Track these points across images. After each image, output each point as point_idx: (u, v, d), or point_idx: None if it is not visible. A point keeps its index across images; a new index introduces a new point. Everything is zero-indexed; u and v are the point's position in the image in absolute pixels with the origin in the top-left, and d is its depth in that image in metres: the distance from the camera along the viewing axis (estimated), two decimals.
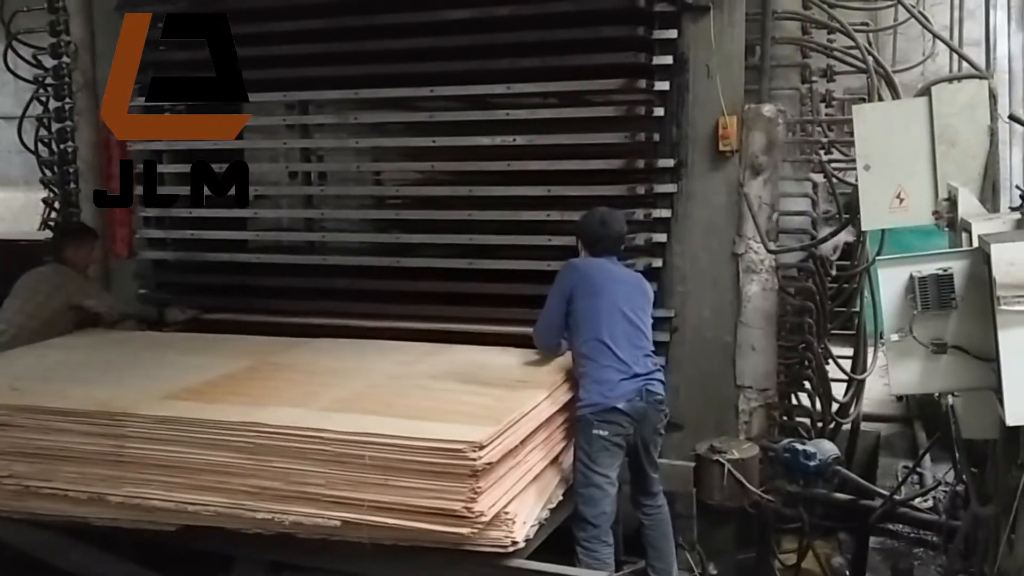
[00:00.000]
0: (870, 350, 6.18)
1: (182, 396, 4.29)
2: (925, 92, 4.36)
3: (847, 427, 6.08)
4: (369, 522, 3.70)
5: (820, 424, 5.66)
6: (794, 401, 5.76)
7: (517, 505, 3.88)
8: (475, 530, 3.63)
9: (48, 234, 6.85)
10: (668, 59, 5.23)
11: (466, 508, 3.60)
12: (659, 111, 5.28)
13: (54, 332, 5.67)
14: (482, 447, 3.64)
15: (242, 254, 6.28)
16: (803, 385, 5.76)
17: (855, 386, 6.07)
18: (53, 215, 6.86)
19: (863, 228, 4.67)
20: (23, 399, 4.28)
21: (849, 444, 6.11)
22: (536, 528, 4.01)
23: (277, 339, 5.48)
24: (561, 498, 4.36)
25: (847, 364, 6.15)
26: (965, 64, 5.01)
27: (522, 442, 4.01)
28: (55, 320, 5.78)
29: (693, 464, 5.06)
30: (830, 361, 5.80)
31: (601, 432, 4.34)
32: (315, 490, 3.77)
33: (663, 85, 5.25)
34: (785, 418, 5.57)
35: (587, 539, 4.33)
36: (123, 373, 4.76)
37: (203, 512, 3.90)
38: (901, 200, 4.37)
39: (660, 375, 4.59)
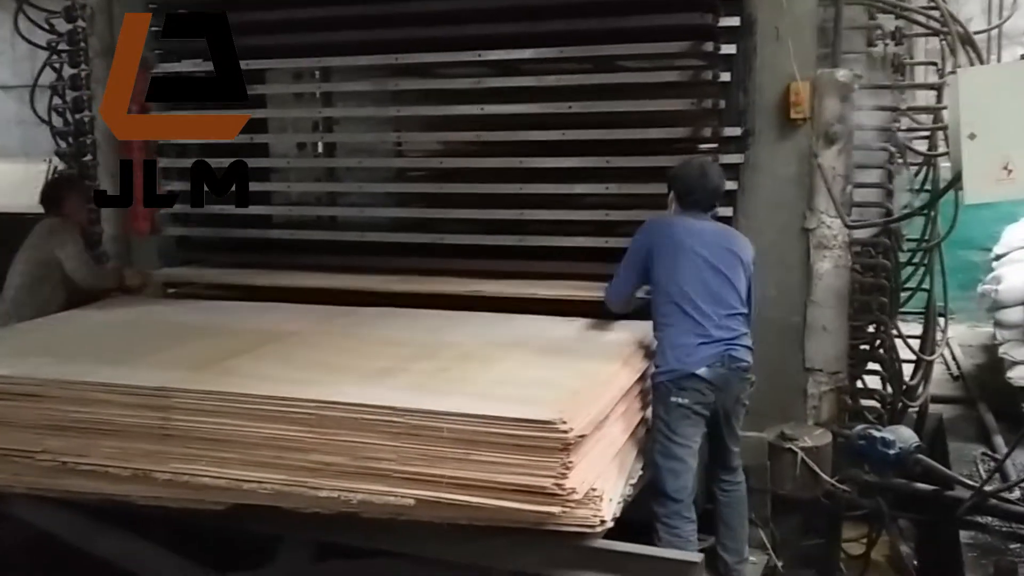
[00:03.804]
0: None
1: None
2: None
3: (912, 410, 5.77)
4: (448, 500, 3.36)
5: (889, 407, 5.35)
6: (858, 384, 5.44)
7: (603, 481, 3.56)
8: (566, 508, 3.31)
9: None
10: (735, 21, 4.93)
11: (557, 485, 3.27)
12: (725, 76, 4.97)
13: (48, 286, 5.61)
14: (573, 418, 3.33)
15: (272, 230, 5.96)
16: (868, 367, 5.45)
17: (924, 367, 5.76)
18: None
19: (966, 202, 4.33)
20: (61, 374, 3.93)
21: (916, 428, 5.79)
22: (621, 506, 3.69)
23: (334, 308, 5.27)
24: (640, 473, 4.04)
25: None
26: None
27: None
28: (47, 274, 5.64)
29: (766, 435, 4.75)
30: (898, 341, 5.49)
31: (681, 400, 4.06)
32: (385, 466, 3.43)
33: (729, 48, 4.95)
34: (850, 401, 5.26)
35: (667, 515, 4.05)
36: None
37: (259, 490, 3.54)
38: (1009, 171, 4.01)
39: (747, 340, 4.28)
